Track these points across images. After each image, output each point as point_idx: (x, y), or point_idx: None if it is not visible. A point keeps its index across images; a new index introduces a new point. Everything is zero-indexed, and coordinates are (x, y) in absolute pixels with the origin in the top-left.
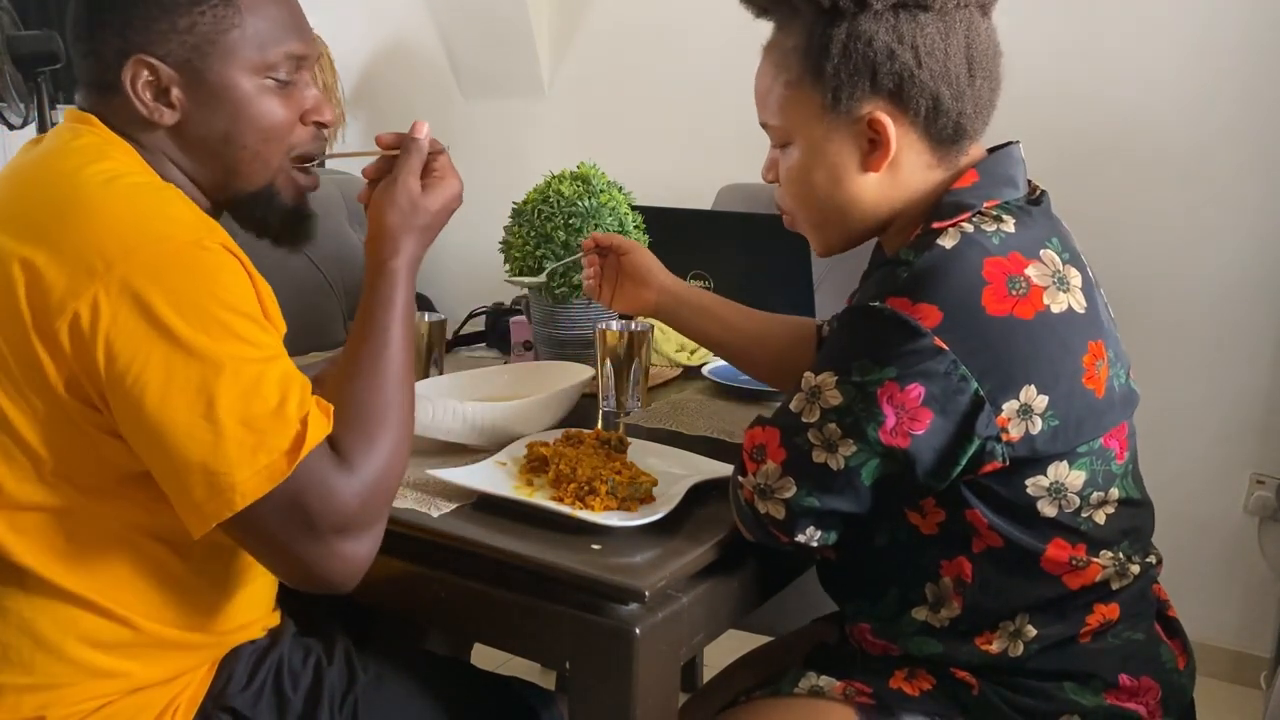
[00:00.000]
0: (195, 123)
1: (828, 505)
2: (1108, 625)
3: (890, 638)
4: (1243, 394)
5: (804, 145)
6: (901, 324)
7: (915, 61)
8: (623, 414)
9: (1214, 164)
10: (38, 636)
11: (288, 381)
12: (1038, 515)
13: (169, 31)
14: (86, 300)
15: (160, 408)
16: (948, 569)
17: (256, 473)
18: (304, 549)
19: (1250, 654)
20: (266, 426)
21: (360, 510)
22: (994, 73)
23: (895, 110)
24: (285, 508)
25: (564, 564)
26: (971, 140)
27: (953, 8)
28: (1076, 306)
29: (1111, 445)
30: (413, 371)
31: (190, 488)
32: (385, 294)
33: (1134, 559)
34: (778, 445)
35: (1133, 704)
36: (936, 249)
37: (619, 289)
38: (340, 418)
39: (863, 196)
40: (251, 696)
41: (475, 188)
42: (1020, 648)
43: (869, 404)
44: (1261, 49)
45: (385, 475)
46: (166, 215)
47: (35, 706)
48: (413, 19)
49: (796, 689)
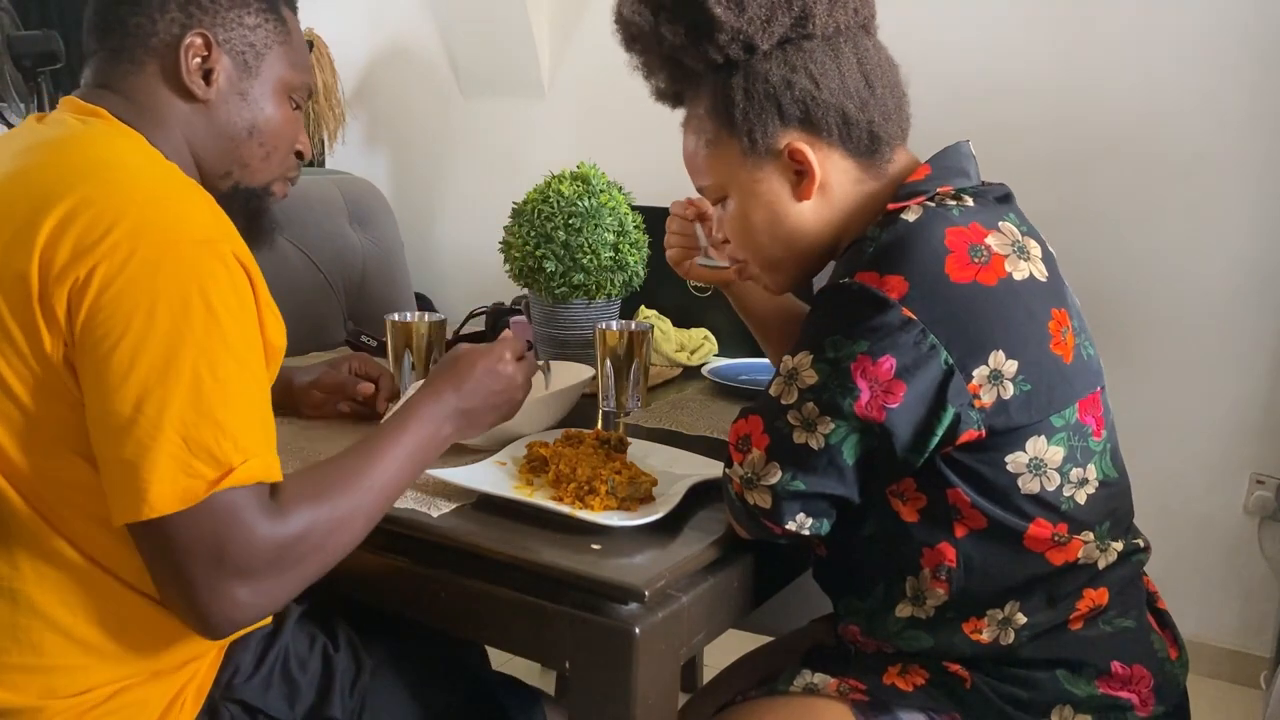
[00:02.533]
0: (227, 109)
1: (813, 488)
2: (1098, 611)
3: (881, 637)
4: (1243, 394)
5: (737, 193)
6: (870, 297)
7: (814, 84)
8: (623, 414)
9: (1215, 164)
10: (47, 617)
11: (250, 414)
12: (1019, 493)
13: (235, 23)
14: (86, 267)
15: (113, 392)
16: (929, 558)
17: (174, 490)
18: (199, 578)
19: (1250, 654)
20: (203, 450)
21: (274, 559)
22: (894, 82)
23: (809, 136)
24: (199, 532)
25: (564, 564)
26: (892, 146)
27: (833, 33)
28: (1038, 275)
29: (1088, 421)
30: (390, 493)
31: (113, 479)
32: (401, 422)
33: (1116, 540)
34: (761, 432)
35: (1125, 692)
36: (900, 223)
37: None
38: (301, 478)
39: (803, 225)
40: (260, 685)
41: (475, 188)
42: (1011, 635)
43: (843, 379)
44: (1262, 47)
45: (310, 545)
46: (184, 208)
47: (42, 690)
48: (413, 19)
49: (792, 687)
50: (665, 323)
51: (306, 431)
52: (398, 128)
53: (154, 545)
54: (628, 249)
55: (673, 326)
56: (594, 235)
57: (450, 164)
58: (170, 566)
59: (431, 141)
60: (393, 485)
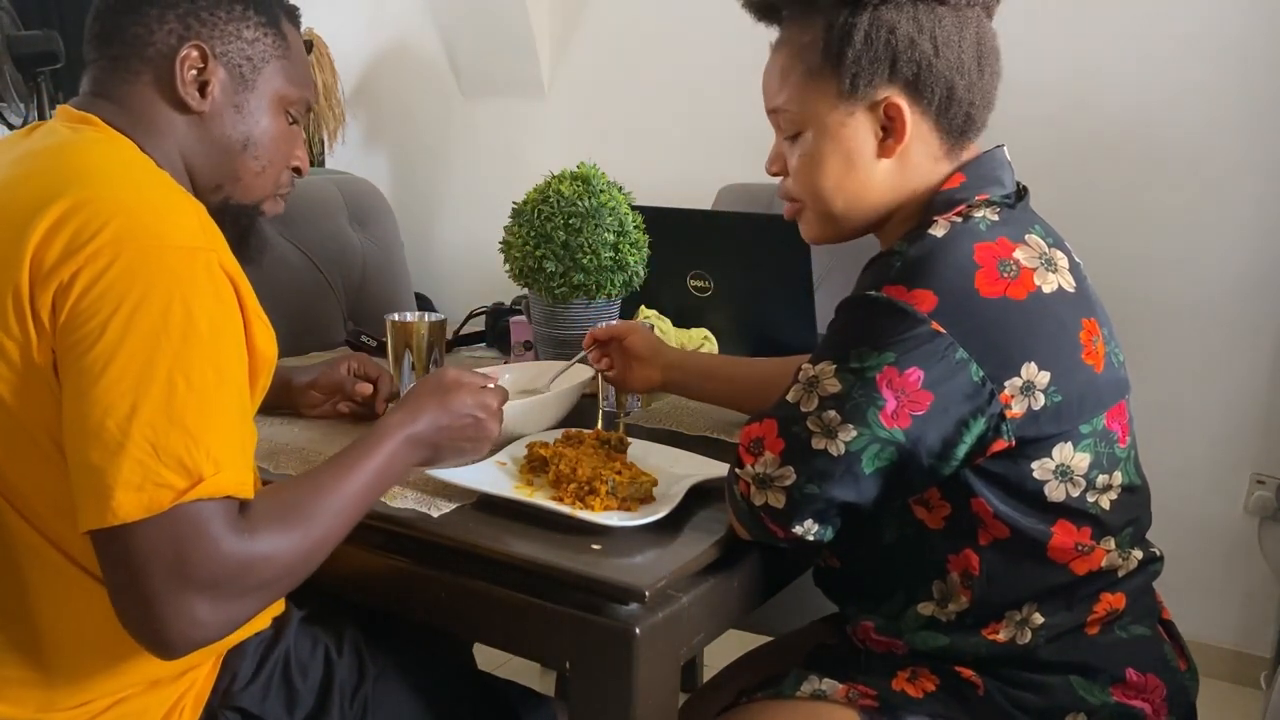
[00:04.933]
0: (222, 120)
1: (828, 493)
2: (1114, 616)
3: (895, 634)
4: (1243, 394)
5: (818, 132)
6: (898, 310)
7: (933, 51)
8: (623, 414)
9: (1214, 163)
10: (47, 629)
11: (225, 426)
12: (1045, 500)
13: (233, 36)
14: (71, 270)
15: (85, 395)
16: (954, 564)
17: (139, 498)
18: (159, 590)
19: (1250, 654)
20: (173, 459)
21: (235, 575)
22: (996, 69)
23: (910, 98)
24: (161, 542)
25: (564, 564)
26: (976, 134)
27: (965, 4)
28: (1066, 286)
29: (1114, 428)
30: (354, 515)
31: (80, 483)
32: (373, 444)
33: (1135, 547)
34: (775, 436)
35: (1138, 701)
36: (928, 238)
37: (629, 373)
38: (269, 496)
39: (872, 184)
40: (259, 691)
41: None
42: (1028, 635)
43: (868, 389)
44: (1261, 45)
45: (275, 563)
46: (172, 216)
47: (41, 703)
48: (413, 19)
49: (799, 692)
50: (665, 323)
51: (305, 432)
52: (398, 128)
53: (115, 554)
54: (628, 249)
55: (673, 326)
56: (594, 235)
57: (450, 164)
58: (129, 577)
59: (431, 141)
60: (357, 508)
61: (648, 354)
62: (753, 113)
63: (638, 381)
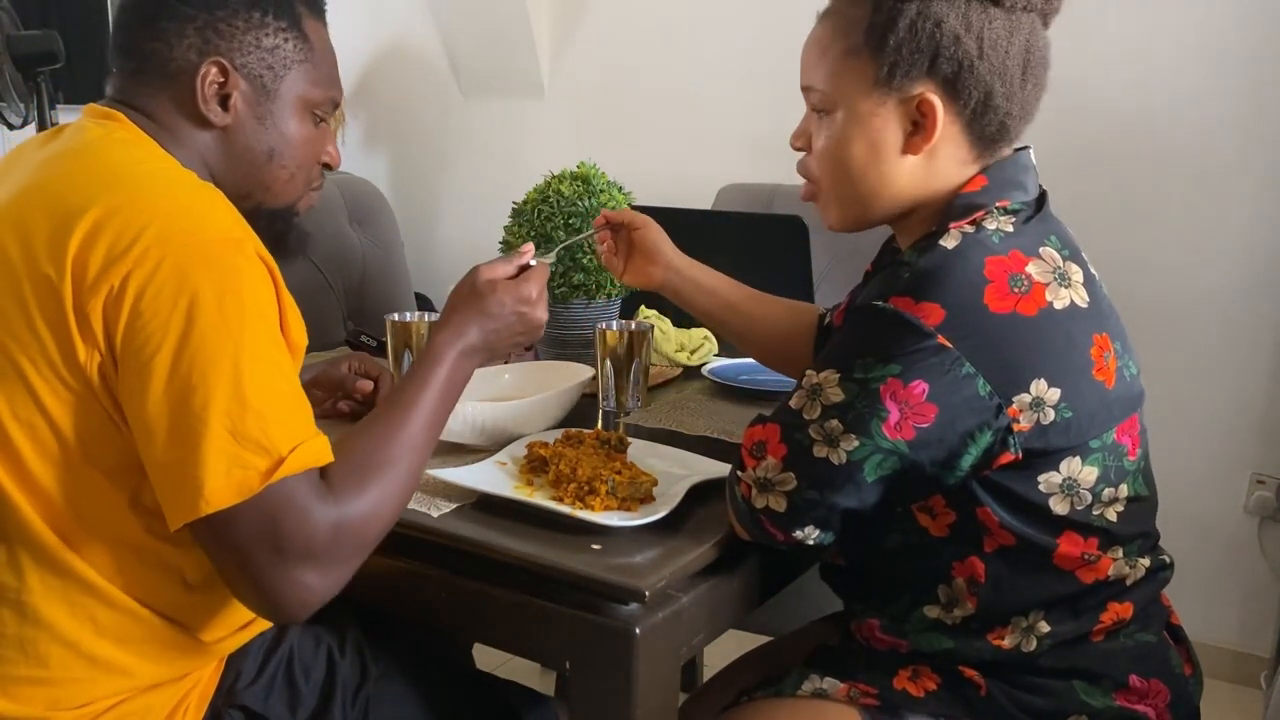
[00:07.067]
0: (245, 132)
1: (828, 499)
2: (1120, 624)
3: (899, 634)
4: (1243, 394)
5: (848, 115)
6: (905, 323)
7: (978, 52)
8: (623, 414)
9: (1214, 162)
10: (54, 629)
11: (290, 402)
12: (1049, 513)
13: (253, 46)
14: (119, 276)
15: (160, 396)
16: (960, 570)
17: (228, 484)
18: (265, 568)
19: (1250, 654)
20: (252, 442)
21: (331, 542)
22: (1042, 81)
23: (946, 97)
24: (257, 523)
25: (564, 564)
26: (1008, 145)
27: (1020, 9)
28: (1079, 301)
29: (1124, 441)
30: (428, 446)
31: (166, 482)
32: (428, 370)
33: (1143, 556)
34: (778, 441)
35: (1142, 706)
36: (939, 250)
37: (629, 263)
38: (342, 456)
39: (895, 178)
40: (262, 690)
41: (475, 188)
42: (1033, 643)
43: (872, 400)
44: (1261, 44)
45: (365, 520)
46: (206, 210)
47: (47, 702)
48: (413, 19)
49: (800, 691)
50: (665, 323)
51: None
52: (398, 128)
53: (215, 540)
54: None
55: (673, 326)
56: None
57: (450, 164)
58: (235, 560)
59: (431, 141)
60: (429, 438)
61: (652, 250)
62: (753, 113)
63: (634, 275)
